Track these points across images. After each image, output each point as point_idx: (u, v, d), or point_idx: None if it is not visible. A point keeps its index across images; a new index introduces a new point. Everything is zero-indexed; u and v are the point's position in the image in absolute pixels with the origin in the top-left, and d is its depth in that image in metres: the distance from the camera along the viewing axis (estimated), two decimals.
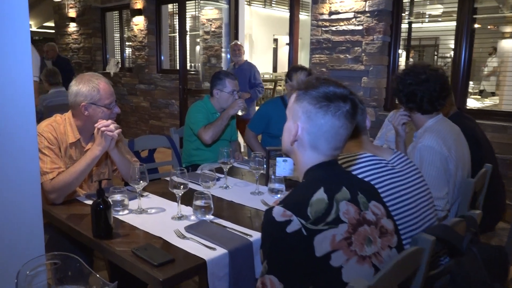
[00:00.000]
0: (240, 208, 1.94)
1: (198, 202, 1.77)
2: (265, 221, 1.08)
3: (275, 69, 14.40)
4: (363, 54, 4.46)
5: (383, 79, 4.46)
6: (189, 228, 1.64)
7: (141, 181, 1.83)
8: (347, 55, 4.57)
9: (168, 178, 2.36)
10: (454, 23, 4.03)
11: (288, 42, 14.56)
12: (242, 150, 4.17)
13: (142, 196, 1.94)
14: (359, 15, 4.41)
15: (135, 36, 7.20)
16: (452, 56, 4.15)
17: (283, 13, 13.96)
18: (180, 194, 1.77)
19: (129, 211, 1.83)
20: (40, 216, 1.30)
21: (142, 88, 7.34)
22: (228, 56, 6.05)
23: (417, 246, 1.20)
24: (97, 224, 1.58)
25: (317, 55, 4.80)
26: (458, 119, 2.26)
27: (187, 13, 6.35)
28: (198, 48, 6.86)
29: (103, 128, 1.94)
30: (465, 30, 3.94)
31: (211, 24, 6.14)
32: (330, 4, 4.59)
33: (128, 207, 1.84)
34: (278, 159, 2.26)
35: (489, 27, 6.74)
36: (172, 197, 2.01)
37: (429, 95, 1.93)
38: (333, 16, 4.60)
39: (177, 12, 6.74)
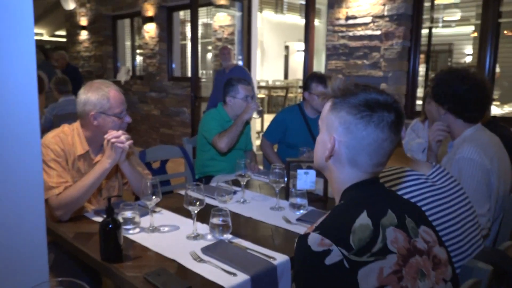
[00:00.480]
0: (260, 226, 1.79)
1: (216, 220, 1.62)
2: (298, 251, 0.93)
3: (286, 76, 14.27)
4: (381, 59, 4.30)
5: (403, 86, 4.29)
6: (206, 250, 1.48)
7: (154, 197, 1.68)
8: (365, 61, 4.41)
9: (182, 192, 2.23)
10: (470, 28, 3.86)
11: (299, 49, 14.43)
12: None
13: (154, 212, 1.80)
14: (377, 20, 4.26)
15: (147, 43, 7.12)
16: (466, 61, 3.97)
17: (295, 19, 13.86)
18: (196, 212, 1.62)
19: (140, 230, 1.69)
20: (44, 239, 1.16)
21: (153, 96, 7.24)
22: (241, 63, 5.92)
23: (472, 277, 1.04)
24: (105, 246, 1.44)
25: (333, 61, 4.64)
26: (494, 128, 2.08)
27: (199, 20, 6.26)
28: (210, 55, 6.74)
29: (113, 140, 1.81)
30: (489, 35, 3.76)
31: (223, 31, 6.03)
32: (347, 8, 4.45)
33: (139, 225, 1.70)
34: (299, 171, 2.12)
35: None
36: (186, 213, 1.86)
37: (476, 102, 1.76)
38: (350, 21, 4.45)
39: (189, 19, 6.67)
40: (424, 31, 4.32)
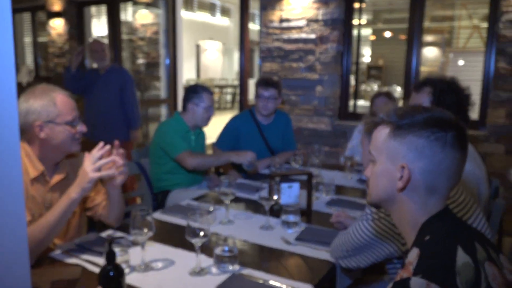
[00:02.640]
0: (260, 251, 1.65)
1: (220, 251, 1.46)
2: None
3: (198, 74, 14.04)
4: (317, 62, 4.36)
5: (337, 89, 4.40)
6: None
7: (146, 230, 1.46)
8: (300, 64, 4.44)
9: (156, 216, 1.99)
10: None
11: (210, 47, 14.33)
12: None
13: (135, 244, 1.56)
14: (311, 23, 4.31)
15: (53, 41, 6.43)
16: (364, 61, 4.22)
17: (205, 18, 13.68)
18: (199, 245, 1.43)
19: (131, 269, 1.45)
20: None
21: None
22: (167, 61, 5.58)
23: None
24: None
25: (268, 64, 4.60)
26: None
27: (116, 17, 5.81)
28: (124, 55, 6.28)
29: (97, 175, 1.55)
30: (415, 38, 4.01)
31: (146, 30, 5.66)
32: (281, 11, 4.43)
33: (129, 262, 1.46)
34: (282, 185, 2.03)
35: None
36: (174, 243, 1.66)
37: (467, 109, 1.82)
38: (284, 24, 4.44)
39: (101, 15, 6.18)
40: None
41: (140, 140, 4.28)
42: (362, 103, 6.94)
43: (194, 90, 2.67)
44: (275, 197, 1.89)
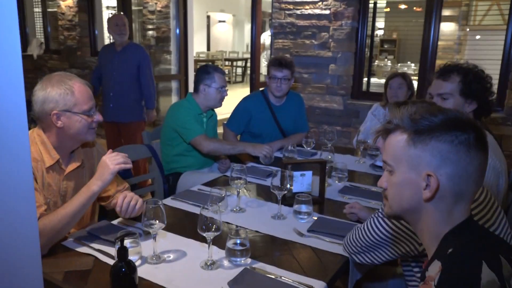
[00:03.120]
0: (272, 242, 1.63)
1: (232, 244, 1.44)
2: None
3: (208, 47, 13.86)
4: (330, 40, 4.25)
5: (351, 67, 4.30)
6: (234, 284, 1.31)
7: (157, 221, 1.44)
8: (313, 41, 4.33)
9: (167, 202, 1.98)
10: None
11: (221, 19, 14.09)
12: None
13: (147, 233, 1.56)
14: None
15: (63, 13, 6.34)
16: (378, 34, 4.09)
17: None
18: (212, 238, 1.42)
19: (143, 261, 1.45)
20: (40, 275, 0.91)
21: (74, 74, 6.52)
22: (177, 32, 5.44)
23: None
24: None
25: (280, 40, 4.49)
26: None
27: None
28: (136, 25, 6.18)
29: (118, 167, 1.55)
30: (434, 10, 3.86)
31: (156, 3, 5.54)
32: None
33: (141, 254, 1.45)
34: (295, 173, 1.99)
35: None
36: (185, 232, 1.66)
37: (491, 99, 1.75)
38: None
39: None
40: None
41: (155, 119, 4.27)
42: (375, 80, 6.80)
43: (206, 71, 2.62)
44: (287, 186, 1.86)
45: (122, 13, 4.98)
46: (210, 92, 2.61)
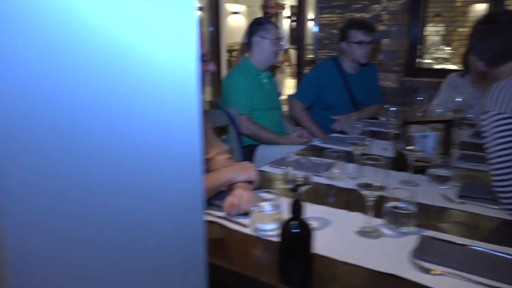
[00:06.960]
0: (425, 210, 1.33)
1: (393, 208, 1.16)
2: None
3: None
4: (383, 12, 3.95)
5: (405, 41, 4.00)
6: (420, 253, 1.02)
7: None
8: (365, 14, 4.03)
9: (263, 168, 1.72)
10: None
11: (234, 10, 13.93)
12: None
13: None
14: None
15: None
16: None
17: None
18: (372, 199, 1.13)
19: None
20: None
21: None
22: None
23: None
24: (290, 262, 0.91)
25: (326, 15, 4.21)
26: None
27: None
28: None
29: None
30: None
31: None
32: None
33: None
34: (416, 135, 1.71)
35: None
36: (313, 199, 1.37)
37: None
38: None
39: None
40: None
41: None
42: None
43: (259, 22, 2.44)
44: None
45: None
46: (264, 44, 2.39)
